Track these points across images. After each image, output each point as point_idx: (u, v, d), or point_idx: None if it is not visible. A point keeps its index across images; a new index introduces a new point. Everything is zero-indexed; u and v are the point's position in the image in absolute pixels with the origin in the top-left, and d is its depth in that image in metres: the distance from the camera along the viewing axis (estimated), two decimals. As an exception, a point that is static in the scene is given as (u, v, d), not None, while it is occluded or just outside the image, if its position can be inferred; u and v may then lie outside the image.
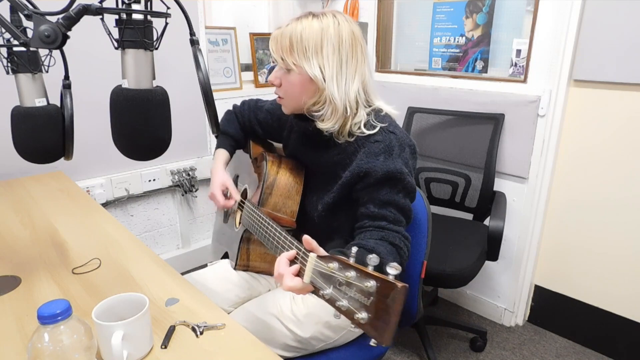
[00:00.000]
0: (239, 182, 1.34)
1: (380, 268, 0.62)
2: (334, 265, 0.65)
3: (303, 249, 0.75)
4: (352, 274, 0.62)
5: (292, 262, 0.77)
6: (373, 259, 0.62)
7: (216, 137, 1.33)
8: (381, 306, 0.57)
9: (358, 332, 1.13)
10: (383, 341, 0.57)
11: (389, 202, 0.92)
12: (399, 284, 0.56)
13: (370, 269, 0.61)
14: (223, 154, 1.26)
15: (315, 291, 0.69)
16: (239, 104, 1.34)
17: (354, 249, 0.66)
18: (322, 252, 0.74)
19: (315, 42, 0.92)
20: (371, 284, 0.59)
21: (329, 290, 0.65)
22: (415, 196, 0.98)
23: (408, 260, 0.97)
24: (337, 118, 0.95)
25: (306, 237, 0.75)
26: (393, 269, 0.58)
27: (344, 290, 0.63)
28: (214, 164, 1.24)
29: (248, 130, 1.31)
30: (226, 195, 1.19)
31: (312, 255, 0.71)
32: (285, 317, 1.04)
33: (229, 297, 1.16)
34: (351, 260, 0.64)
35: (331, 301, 0.64)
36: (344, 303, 0.62)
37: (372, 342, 0.59)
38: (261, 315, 1.06)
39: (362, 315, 0.59)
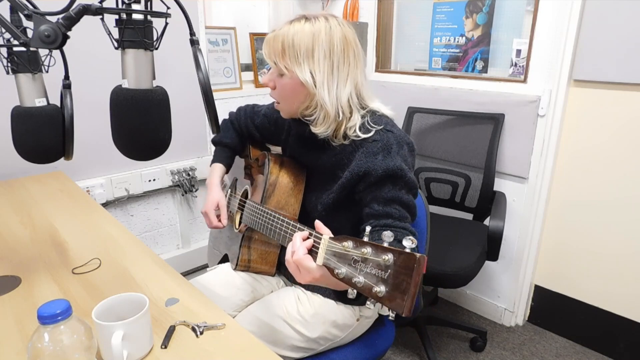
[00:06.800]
0: (238, 185, 1.34)
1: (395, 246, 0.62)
2: (348, 243, 0.66)
3: (315, 232, 0.76)
4: (367, 249, 0.63)
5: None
6: (388, 235, 0.63)
7: (214, 144, 1.33)
8: (400, 278, 0.59)
9: (363, 328, 1.13)
10: (404, 311, 0.58)
11: (393, 199, 0.91)
12: (417, 254, 0.57)
13: (385, 245, 0.62)
14: (220, 169, 1.27)
15: (330, 272, 0.70)
16: (234, 110, 1.35)
17: (368, 228, 0.67)
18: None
19: (307, 47, 0.92)
20: (388, 257, 0.60)
21: (343, 269, 0.66)
22: (418, 193, 0.98)
23: None
24: (330, 123, 0.96)
25: (318, 222, 0.76)
26: (409, 242, 0.60)
27: (359, 267, 0.64)
28: (210, 179, 1.24)
29: (245, 136, 1.32)
30: (217, 215, 1.21)
31: (324, 236, 0.72)
32: (292, 319, 1.04)
33: (234, 301, 1.16)
34: (365, 238, 0.65)
35: (346, 279, 0.65)
36: (360, 279, 0.63)
37: (390, 316, 0.60)
38: (267, 317, 1.06)
39: (380, 288, 0.60)
